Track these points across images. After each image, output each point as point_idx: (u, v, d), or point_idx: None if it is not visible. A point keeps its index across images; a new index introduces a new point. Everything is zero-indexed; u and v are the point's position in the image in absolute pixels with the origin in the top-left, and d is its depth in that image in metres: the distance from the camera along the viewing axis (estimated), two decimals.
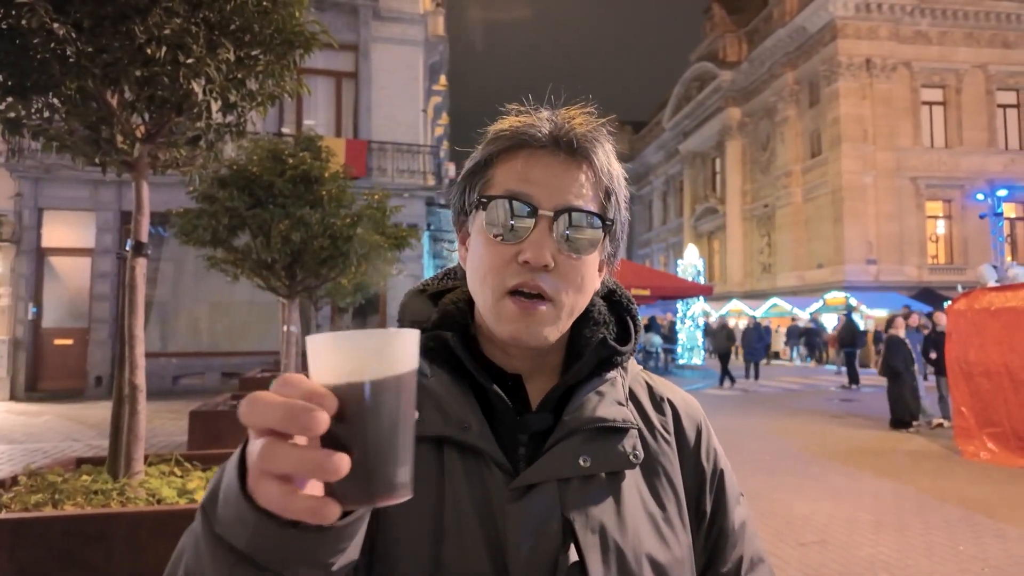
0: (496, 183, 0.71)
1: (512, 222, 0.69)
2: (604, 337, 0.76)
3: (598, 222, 0.70)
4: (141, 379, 3.21)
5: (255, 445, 0.43)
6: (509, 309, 0.69)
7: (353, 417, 0.43)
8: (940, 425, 9.26)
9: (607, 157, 0.72)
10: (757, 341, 16.92)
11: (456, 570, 0.64)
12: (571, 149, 0.70)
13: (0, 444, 7.62)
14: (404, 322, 0.79)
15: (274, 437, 0.42)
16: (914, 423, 9.43)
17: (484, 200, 0.71)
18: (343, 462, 0.42)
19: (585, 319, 0.76)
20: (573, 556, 0.65)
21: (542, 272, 0.68)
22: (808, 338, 24.60)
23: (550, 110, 0.73)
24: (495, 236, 0.69)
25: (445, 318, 0.76)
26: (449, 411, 0.69)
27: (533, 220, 0.68)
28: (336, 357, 0.44)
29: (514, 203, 0.69)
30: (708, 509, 0.78)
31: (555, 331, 0.71)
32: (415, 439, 0.47)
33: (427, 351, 0.73)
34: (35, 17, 2.58)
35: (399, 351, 0.45)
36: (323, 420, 0.41)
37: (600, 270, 0.76)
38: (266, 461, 0.42)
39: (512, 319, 0.69)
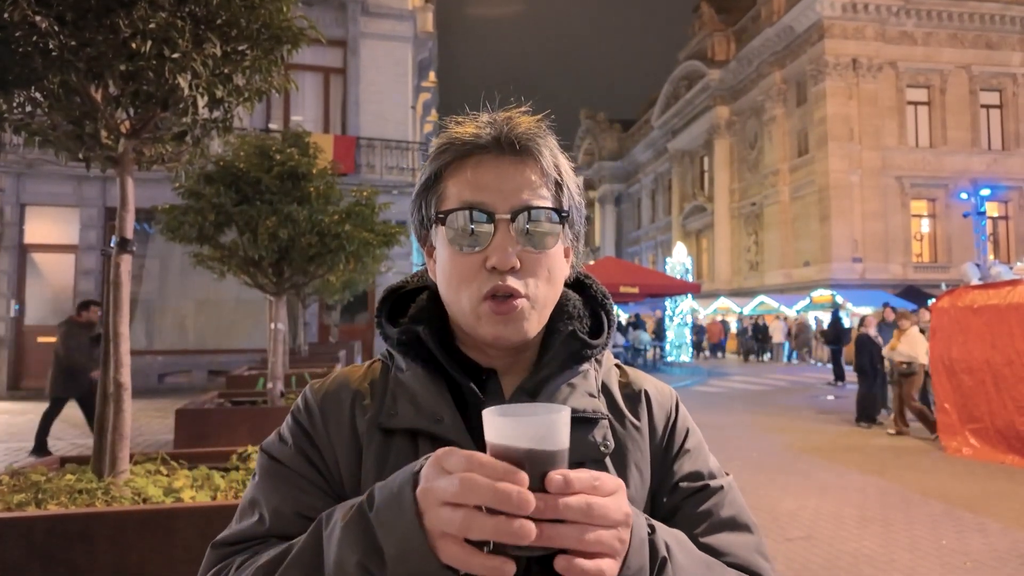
0: (450, 195, 0.73)
1: (473, 229, 0.71)
2: (573, 330, 0.77)
3: (555, 215, 0.73)
4: (126, 377, 3.17)
5: (449, 513, 0.52)
6: (488, 313, 0.70)
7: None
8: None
9: (551, 151, 0.74)
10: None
11: None
12: (515, 149, 0.72)
13: None
14: (381, 317, 0.81)
15: (470, 509, 0.51)
16: (876, 419, 9.63)
17: (442, 216, 0.73)
18: (532, 529, 0.50)
19: (559, 313, 0.78)
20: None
21: (511, 273, 0.70)
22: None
23: (489, 115, 0.75)
24: (459, 248, 0.71)
25: (420, 313, 0.78)
26: (423, 404, 0.72)
27: (492, 225, 0.70)
28: (513, 431, 0.53)
29: (472, 212, 0.71)
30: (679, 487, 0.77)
31: (534, 324, 0.73)
32: (392, 432, 0.59)
33: (401, 345, 0.76)
34: (17, 10, 2.54)
35: (561, 429, 0.53)
36: (532, 502, 0.50)
37: (567, 257, 0.78)
38: (468, 530, 0.51)
39: (493, 322, 0.71)
